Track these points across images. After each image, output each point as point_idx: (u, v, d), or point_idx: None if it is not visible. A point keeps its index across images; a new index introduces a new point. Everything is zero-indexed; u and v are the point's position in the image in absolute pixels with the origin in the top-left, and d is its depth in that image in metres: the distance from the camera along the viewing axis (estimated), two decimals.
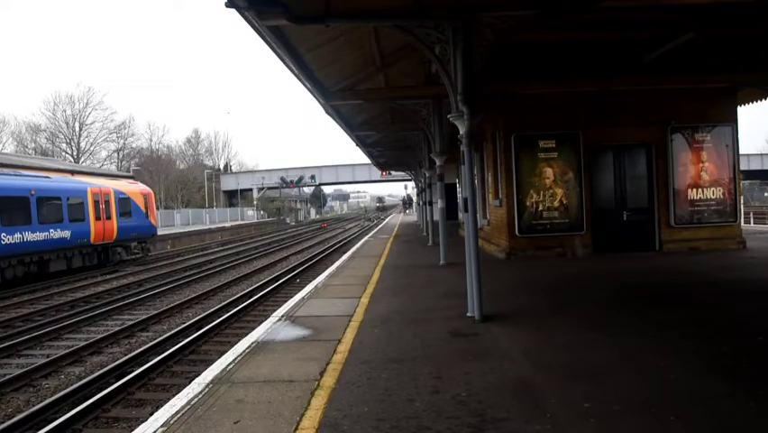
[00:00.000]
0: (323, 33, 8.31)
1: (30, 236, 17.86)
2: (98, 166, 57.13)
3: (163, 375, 8.06)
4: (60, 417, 6.34)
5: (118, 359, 8.81)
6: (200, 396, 4.61)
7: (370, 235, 27.62)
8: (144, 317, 12.02)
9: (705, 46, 10.11)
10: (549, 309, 7.51)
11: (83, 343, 9.93)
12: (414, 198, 58.48)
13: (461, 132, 7.06)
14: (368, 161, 37.67)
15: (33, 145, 60.00)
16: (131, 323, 11.43)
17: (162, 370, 8.18)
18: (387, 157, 31.32)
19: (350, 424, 3.91)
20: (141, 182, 30.62)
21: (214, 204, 66.32)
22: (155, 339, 9.96)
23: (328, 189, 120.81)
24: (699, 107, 12.56)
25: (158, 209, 38.30)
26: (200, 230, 42.71)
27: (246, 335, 7.12)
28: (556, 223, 12.48)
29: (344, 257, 16.45)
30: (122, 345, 10.09)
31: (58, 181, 21.25)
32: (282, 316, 7.76)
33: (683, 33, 9.02)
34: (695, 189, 12.63)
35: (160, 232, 31.03)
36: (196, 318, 11.45)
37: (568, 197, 12.44)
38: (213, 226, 48.32)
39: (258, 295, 13.87)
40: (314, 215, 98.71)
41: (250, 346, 6.12)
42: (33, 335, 10.61)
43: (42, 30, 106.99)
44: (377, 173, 57.38)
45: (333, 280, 11.27)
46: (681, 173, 12.61)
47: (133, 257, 24.85)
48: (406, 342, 6.03)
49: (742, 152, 13.79)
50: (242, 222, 58.39)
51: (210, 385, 4.87)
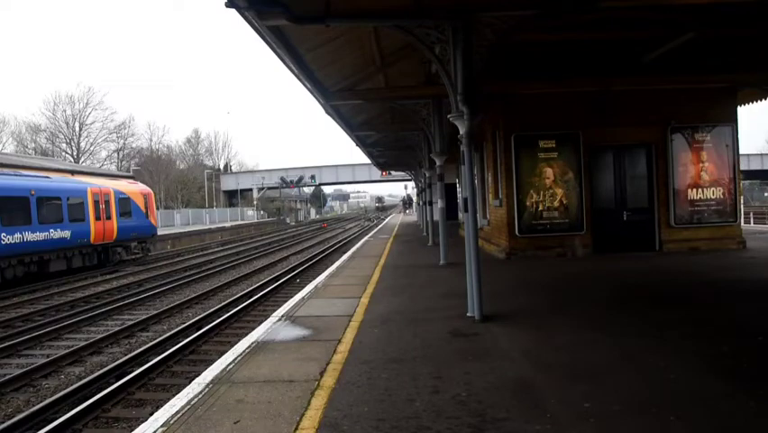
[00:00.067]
0: (323, 33, 8.31)
1: (30, 236, 17.87)
2: (98, 166, 57.14)
3: (163, 375, 8.06)
4: (60, 417, 6.34)
5: (118, 359, 8.81)
6: (200, 396, 4.61)
7: (369, 235, 27.62)
8: (144, 317, 12.03)
9: (705, 46, 10.11)
10: (549, 309, 7.51)
11: (83, 343, 9.93)
12: (414, 198, 58.49)
13: (461, 132, 7.06)
14: (368, 161, 37.66)
15: (33, 145, 60.04)
16: (131, 323, 11.44)
17: (162, 370, 8.18)
18: (387, 157, 31.31)
19: (350, 424, 3.91)
20: (141, 182, 30.63)
21: (214, 204, 66.33)
22: (155, 339, 9.96)
23: (328, 189, 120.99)
24: (699, 107, 12.57)
25: (158, 209, 38.31)
26: (200, 230, 42.71)
27: (246, 335, 7.12)
28: (556, 223, 12.49)
29: (344, 257, 16.45)
30: (122, 345, 10.09)
31: (58, 181, 21.26)
32: (282, 316, 7.76)
33: (683, 33, 9.02)
34: (695, 189, 12.63)
35: (160, 232, 31.03)
36: (196, 318, 11.45)
37: (568, 197, 12.44)
38: (213, 226, 48.32)
39: (258, 295, 13.87)
40: (314, 215, 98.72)
41: (250, 346, 6.12)
42: (33, 335, 10.61)
43: (42, 30, 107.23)
44: (377, 173, 57.38)
45: (333, 280, 11.27)
46: (681, 173, 12.62)
47: (133, 257, 24.86)
48: (406, 342, 6.03)
49: (742, 152, 13.80)
50: (242, 222, 58.39)
51: (210, 385, 4.87)
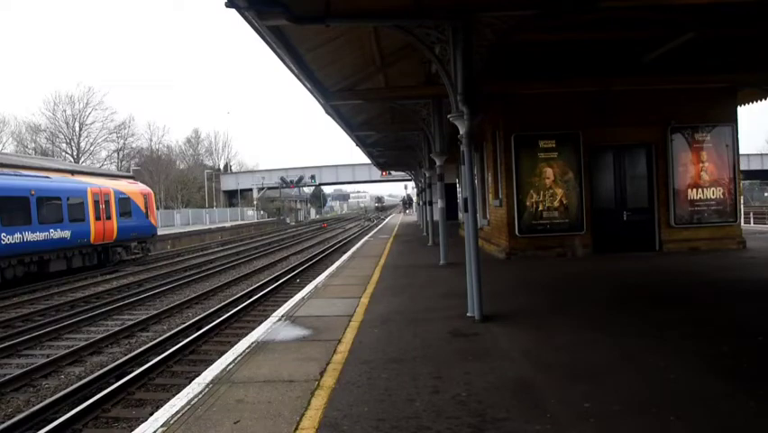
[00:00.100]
0: (323, 33, 8.31)
1: (30, 236, 17.87)
2: (98, 166, 57.14)
3: (163, 375, 8.06)
4: (60, 417, 6.34)
5: (118, 359, 8.81)
6: (200, 396, 4.61)
7: (369, 235, 27.62)
8: (144, 317, 12.02)
9: (705, 46, 10.11)
10: (549, 309, 7.51)
11: (83, 343, 9.93)
12: (414, 198, 58.48)
13: (461, 132, 7.06)
14: (368, 161, 37.65)
15: (33, 145, 60.04)
16: (131, 323, 11.43)
17: (162, 370, 8.18)
18: (387, 157, 31.31)
19: (350, 424, 3.91)
20: (141, 182, 30.62)
21: (214, 204, 66.33)
22: (155, 339, 9.96)
23: (328, 189, 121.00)
24: (699, 107, 12.56)
25: (158, 209, 38.31)
26: (200, 230, 42.71)
27: (246, 335, 7.12)
28: (556, 223, 12.49)
29: (344, 257, 16.45)
30: (122, 345, 10.09)
31: (58, 181, 21.26)
32: (282, 316, 7.76)
33: (683, 33, 9.02)
34: (695, 189, 12.63)
35: (160, 232, 31.03)
36: (196, 318, 11.45)
37: (568, 197, 12.44)
38: (213, 226, 48.32)
39: (258, 295, 13.87)
40: (314, 215, 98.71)
41: (250, 346, 6.12)
42: (33, 335, 10.61)
43: (42, 30, 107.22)
44: (377, 173, 57.37)
45: (333, 280, 11.27)
46: (681, 173, 12.62)
47: (133, 257, 24.86)
48: (406, 342, 6.03)
49: (742, 152, 13.80)
50: (242, 222, 58.39)
51: (210, 385, 4.87)
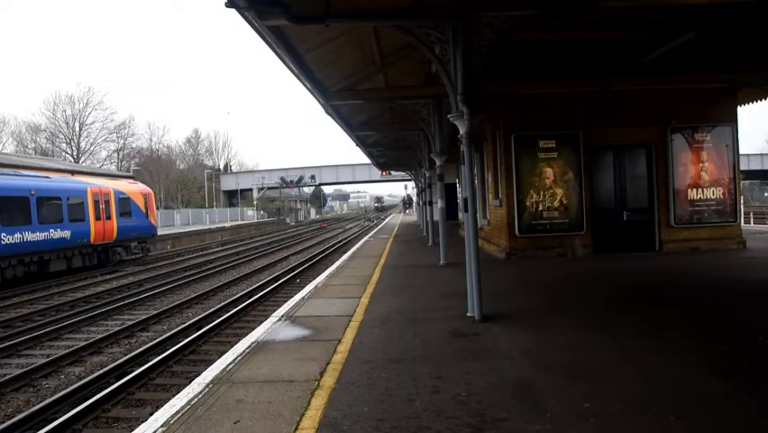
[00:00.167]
0: (323, 33, 8.31)
1: (30, 236, 17.86)
2: (98, 166, 57.14)
3: (163, 375, 8.06)
4: (60, 417, 6.34)
5: (118, 359, 8.81)
6: (200, 396, 4.61)
7: (369, 235, 27.62)
8: (144, 317, 12.02)
9: (705, 46, 10.11)
10: (549, 309, 7.51)
11: (83, 343, 9.93)
12: (414, 198, 58.48)
13: (461, 132, 7.06)
14: (368, 161, 37.65)
15: (33, 145, 60.04)
16: (131, 323, 11.43)
17: (162, 370, 8.18)
18: (387, 157, 31.31)
19: (350, 424, 3.91)
20: (141, 182, 30.62)
21: (214, 204, 66.33)
22: (155, 339, 9.96)
23: (328, 189, 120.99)
24: (699, 107, 12.56)
25: (158, 209, 38.31)
26: (200, 230, 42.70)
27: (246, 335, 7.12)
28: (556, 223, 12.49)
29: (344, 257, 16.45)
30: (122, 345, 10.09)
31: (58, 181, 21.25)
32: (282, 316, 7.76)
33: (683, 33, 9.02)
34: (695, 189, 12.63)
35: (160, 232, 31.03)
36: (196, 318, 11.45)
37: (568, 197, 12.44)
38: (213, 226, 48.32)
39: (258, 295, 13.87)
40: (314, 215, 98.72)
41: (250, 346, 6.12)
42: (33, 335, 10.61)
43: (42, 30, 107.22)
44: (377, 173, 57.38)
45: (333, 280, 11.27)
46: (681, 173, 12.61)
47: (133, 257, 24.85)
48: (406, 342, 6.03)
49: (742, 152, 13.79)
50: (242, 222, 58.39)
51: (210, 385, 4.87)
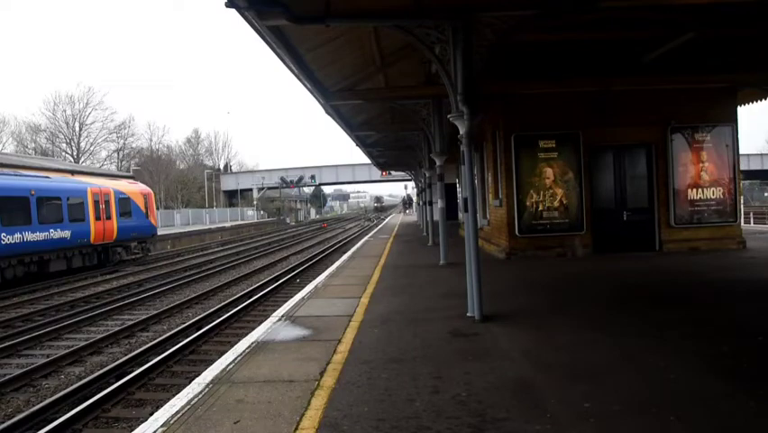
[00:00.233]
0: (323, 33, 8.31)
1: (30, 236, 17.86)
2: (98, 166, 57.14)
3: (163, 375, 8.06)
4: (60, 417, 6.34)
5: (118, 359, 8.80)
6: (200, 396, 4.61)
7: (369, 235, 27.62)
8: (144, 317, 12.02)
9: (705, 46, 10.11)
10: (549, 309, 7.51)
11: (83, 343, 9.93)
12: (414, 198, 58.48)
13: (461, 132, 7.06)
14: (368, 161, 37.65)
15: (33, 145, 60.03)
16: (131, 323, 11.43)
17: (162, 370, 8.18)
18: (387, 157, 31.31)
19: (350, 424, 3.91)
20: (141, 182, 30.62)
21: (214, 204, 66.33)
22: (155, 339, 9.96)
23: (328, 189, 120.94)
24: (699, 107, 12.56)
25: (158, 209, 38.30)
26: (200, 230, 42.70)
27: (246, 335, 7.12)
28: (556, 223, 12.49)
29: (344, 257, 16.45)
30: (122, 345, 10.09)
31: (58, 181, 21.25)
32: (282, 316, 7.76)
33: (683, 33, 9.02)
34: (695, 189, 12.63)
35: (160, 232, 31.02)
36: (196, 318, 11.45)
37: (568, 197, 12.44)
38: (213, 226, 48.32)
39: (258, 295, 13.87)
40: (314, 215, 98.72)
41: (250, 346, 6.12)
42: (33, 335, 10.61)
43: (42, 30, 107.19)
44: (377, 173, 57.38)
45: (333, 280, 11.27)
46: (681, 173, 12.61)
47: (133, 257, 24.85)
48: (406, 342, 6.03)
49: (742, 152, 13.79)
50: (242, 222, 58.40)
51: (210, 385, 4.87)
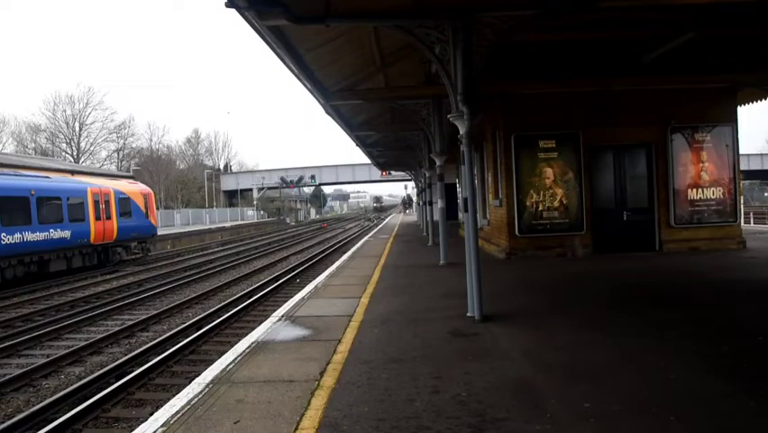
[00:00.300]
0: (323, 33, 8.31)
1: (30, 236, 17.86)
2: (98, 166, 57.15)
3: (163, 375, 8.06)
4: (60, 417, 6.34)
5: (118, 359, 8.80)
6: (200, 396, 4.61)
7: (369, 235, 27.63)
8: (144, 317, 12.02)
9: (705, 46, 10.11)
10: (549, 309, 7.51)
11: (83, 343, 9.93)
12: (414, 198, 58.49)
13: (461, 132, 7.06)
14: (368, 161, 37.65)
15: (33, 145, 60.04)
16: (131, 323, 11.43)
17: (162, 370, 8.18)
18: (387, 157, 31.31)
19: (350, 424, 3.91)
20: (141, 182, 30.61)
21: (214, 204, 66.33)
22: (155, 339, 9.96)
23: (328, 189, 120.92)
24: (699, 107, 12.56)
25: (158, 209, 38.30)
26: (200, 230, 42.70)
27: (246, 335, 7.12)
28: (556, 223, 12.49)
29: (344, 257, 16.45)
30: (122, 345, 10.09)
31: (58, 181, 21.25)
32: (282, 316, 7.76)
33: (683, 33, 9.02)
34: (695, 189, 12.63)
35: (160, 232, 31.02)
36: (196, 318, 11.45)
37: (568, 197, 12.44)
38: (213, 226, 48.32)
39: (258, 295, 13.87)
40: (314, 215, 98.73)
41: (250, 346, 6.12)
42: (33, 335, 10.61)
43: (42, 30, 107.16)
44: (377, 173, 57.38)
45: (333, 280, 11.27)
46: (681, 173, 12.61)
47: (133, 257, 24.85)
48: (406, 342, 6.03)
49: (742, 152, 13.79)
50: (242, 222, 58.40)
51: (210, 385, 4.87)
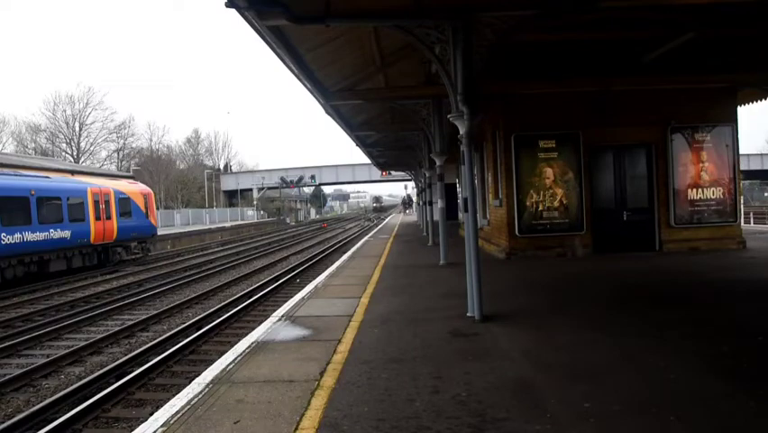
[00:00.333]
0: (323, 33, 8.31)
1: (30, 236, 17.86)
2: (98, 166, 57.14)
3: (163, 375, 8.06)
4: (60, 417, 6.34)
5: (118, 359, 8.81)
6: (200, 396, 4.61)
7: (369, 235, 27.63)
8: (144, 317, 12.02)
9: (705, 46, 10.11)
10: (549, 309, 7.51)
11: (83, 343, 9.93)
12: (414, 198, 58.50)
13: (461, 132, 7.06)
14: (368, 161, 37.65)
15: (33, 145, 60.03)
16: (131, 323, 11.43)
17: (162, 370, 8.18)
18: (387, 157, 31.31)
19: (350, 424, 3.91)
20: (141, 182, 30.61)
21: (214, 204, 66.33)
22: (155, 339, 9.96)
23: (328, 189, 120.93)
24: (699, 107, 12.56)
25: (158, 209, 38.30)
26: (200, 230, 42.70)
27: (246, 335, 7.12)
28: (556, 223, 12.49)
29: (344, 257, 16.45)
30: (122, 345, 10.09)
31: (58, 181, 21.25)
32: (282, 316, 7.76)
33: (683, 33, 9.02)
34: (695, 189, 12.63)
35: (160, 232, 31.02)
36: (196, 318, 11.45)
37: (568, 197, 12.44)
38: (213, 226, 48.32)
39: (258, 295, 13.86)
40: (314, 215, 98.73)
41: (250, 346, 6.12)
42: (33, 335, 10.60)
43: (42, 30, 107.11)
44: (377, 173, 57.38)
45: (333, 280, 11.27)
46: (681, 173, 12.61)
47: (133, 257, 24.85)
48: (406, 342, 6.03)
49: (742, 152, 13.79)
50: (242, 222, 58.40)
51: (210, 385, 4.87)
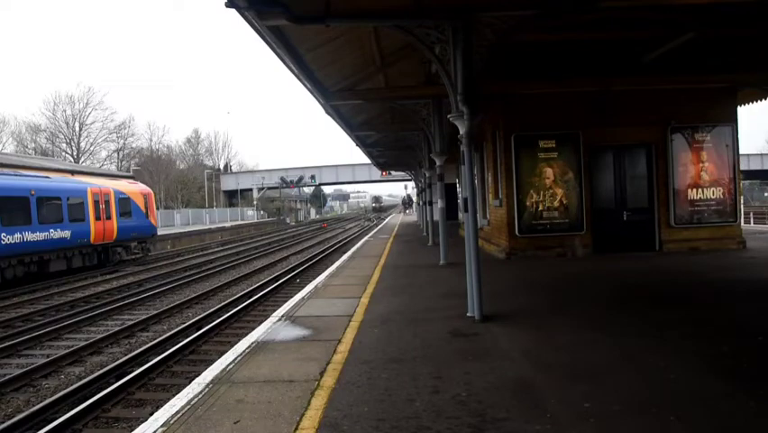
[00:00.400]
0: (323, 33, 8.31)
1: (30, 236, 17.86)
2: (98, 166, 57.15)
3: (163, 375, 8.06)
4: (60, 417, 6.34)
5: (118, 359, 8.81)
6: (200, 396, 4.61)
7: (369, 235, 27.63)
8: (144, 317, 12.02)
9: (705, 46, 10.11)
10: (549, 309, 7.51)
11: (83, 343, 9.93)
12: (414, 198, 58.50)
13: (461, 132, 7.06)
14: (368, 161, 37.65)
15: (33, 145, 60.04)
16: (131, 323, 11.43)
17: (162, 370, 8.18)
18: (387, 157, 31.31)
19: (350, 424, 3.91)
20: (141, 182, 30.61)
21: (214, 204, 66.34)
22: (155, 339, 9.96)
23: (328, 189, 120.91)
24: (699, 107, 12.56)
25: (158, 209, 38.30)
26: (200, 230, 42.70)
27: (246, 335, 7.12)
28: (556, 223, 12.49)
29: (344, 257, 16.45)
30: (122, 345, 10.09)
31: (58, 181, 21.25)
32: (282, 316, 7.76)
33: (683, 33, 9.02)
34: (695, 189, 12.63)
35: (160, 232, 31.02)
36: (196, 318, 11.45)
37: (568, 197, 12.44)
38: (213, 226, 48.32)
39: (258, 295, 13.87)
40: (314, 215, 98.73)
41: (250, 346, 6.12)
42: (33, 335, 10.61)
43: (42, 30, 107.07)
44: (377, 173, 57.38)
45: (333, 280, 11.27)
46: (681, 173, 12.62)
47: (133, 257, 24.85)
48: (406, 342, 6.03)
49: (742, 152, 13.80)
50: (242, 222, 58.41)
51: (210, 385, 4.87)
